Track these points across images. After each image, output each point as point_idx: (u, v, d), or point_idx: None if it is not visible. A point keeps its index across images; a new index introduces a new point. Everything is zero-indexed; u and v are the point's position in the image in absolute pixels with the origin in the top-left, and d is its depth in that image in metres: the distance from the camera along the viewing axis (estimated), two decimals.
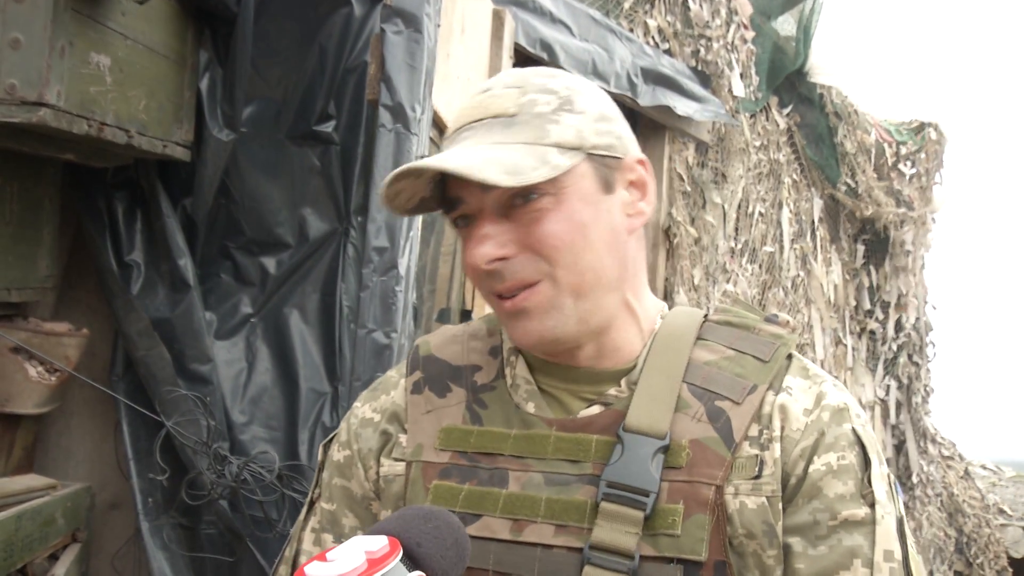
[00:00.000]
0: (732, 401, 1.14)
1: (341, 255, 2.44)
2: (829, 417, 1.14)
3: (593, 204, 1.14)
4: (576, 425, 1.17)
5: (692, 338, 1.21)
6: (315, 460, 2.32)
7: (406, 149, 2.18)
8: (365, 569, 0.83)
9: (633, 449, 1.12)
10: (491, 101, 1.16)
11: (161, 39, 2.22)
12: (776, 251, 6.12)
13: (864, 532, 1.09)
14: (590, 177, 1.15)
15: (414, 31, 2.21)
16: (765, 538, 1.09)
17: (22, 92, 1.80)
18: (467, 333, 1.32)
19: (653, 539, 1.09)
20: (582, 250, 1.13)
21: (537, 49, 3.40)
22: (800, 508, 1.11)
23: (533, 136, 1.12)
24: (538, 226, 1.12)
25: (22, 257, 2.23)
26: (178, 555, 2.35)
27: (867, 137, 6.80)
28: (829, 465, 1.11)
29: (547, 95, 1.15)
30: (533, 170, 1.09)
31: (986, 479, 9.29)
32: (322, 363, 2.43)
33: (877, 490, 1.10)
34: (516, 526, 1.14)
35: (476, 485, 1.17)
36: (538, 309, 1.13)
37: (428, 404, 1.25)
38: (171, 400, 2.31)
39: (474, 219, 1.15)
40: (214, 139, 2.38)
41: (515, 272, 1.13)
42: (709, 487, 1.10)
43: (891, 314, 7.49)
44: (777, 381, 1.17)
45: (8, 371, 2.19)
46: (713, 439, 1.12)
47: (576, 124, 1.14)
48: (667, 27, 4.63)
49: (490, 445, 1.19)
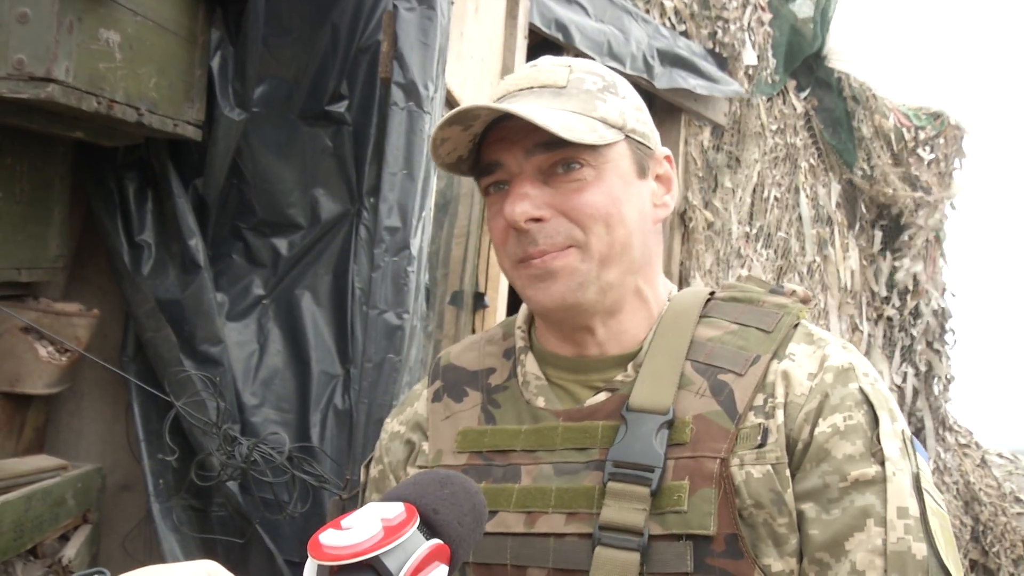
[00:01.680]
0: (735, 373, 1.14)
1: (353, 236, 2.42)
2: (833, 378, 1.13)
3: (628, 184, 1.18)
4: (583, 414, 1.18)
5: (695, 316, 1.21)
6: (326, 442, 2.32)
7: (419, 128, 2.15)
8: (382, 538, 0.80)
9: (636, 427, 1.13)
10: (540, 73, 1.19)
11: (172, 16, 2.19)
12: (792, 236, 6.07)
13: (876, 491, 1.07)
14: (628, 158, 1.18)
15: (427, 8, 2.18)
16: (774, 507, 1.08)
17: (30, 67, 1.78)
18: (484, 339, 1.35)
19: (661, 517, 1.09)
20: (616, 223, 1.15)
21: (552, 30, 3.37)
22: (809, 473, 1.09)
23: (582, 107, 1.15)
24: (578, 195, 1.14)
25: (32, 237, 2.21)
26: (189, 537, 2.34)
27: (885, 121, 6.73)
28: (835, 426, 1.10)
29: (593, 76, 1.20)
30: (585, 133, 1.12)
31: (1003, 467, 9.22)
32: (334, 345, 2.41)
33: (887, 447, 1.09)
34: (529, 519, 1.15)
35: (491, 483, 1.19)
36: (564, 271, 1.15)
37: (446, 410, 1.28)
38: (181, 381, 2.30)
39: (511, 183, 1.17)
40: (225, 118, 2.36)
41: (548, 235, 1.15)
42: (714, 460, 1.09)
43: (908, 301, 7.44)
44: (781, 350, 1.16)
45: (19, 351, 2.17)
46: (716, 412, 1.12)
47: (619, 105, 1.18)
48: (684, 8, 4.58)
49: (503, 443, 1.21)
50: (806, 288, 1.28)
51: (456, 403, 1.28)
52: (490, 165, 1.18)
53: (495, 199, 1.19)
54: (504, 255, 1.20)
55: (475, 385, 1.28)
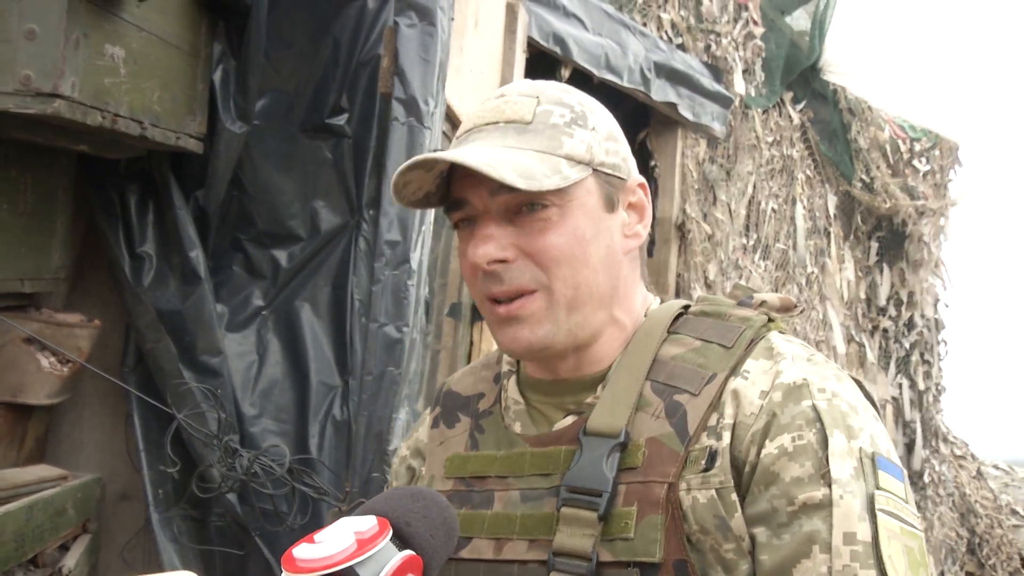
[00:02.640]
0: (690, 393, 1.11)
1: (353, 248, 2.43)
2: (783, 396, 1.09)
3: (595, 221, 1.15)
4: (549, 439, 1.18)
5: (661, 333, 1.19)
6: (324, 454, 2.34)
7: (419, 142, 2.17)
8: (355, 550, 0.82)
9: (589, 451, 1.12)
10: (506, 106, 1.17)
11: (175, 31, 2.21)
12: (790, 248, 6.09)
13: (822, 515, 1.03)
14: (595, 194, 1.16)
15: (428, 24, 2.20)
16: (719, 532, 1.06)
17: (37, 83, 1.80)
18: (481, 363, 1.36)
19: (611, 544, 1.08)
20: (580, 265, 1.14)
21: (550, 43, 3.39)
22: (758, 497, 1.06)
23: (546, 145, 1.13)
24: (542, 236, 1.13)
25: (35, 248, 2.23)
26: (188, 547, 2.35)
27: (881, 133, 6.77)
28: (783, 448, 1.06)
29: (562, 108, 1.17)
30: (545, 177, 1.10)
31: (999, 479, 9.24)
32: (333, 356, 2.42)
33: (835, 468, 1.04)
34: (497, 545, 1.16)
35: (469, 509, 1.20)
36: (532, 318, 1.14)
37: (441, 436, 1.30)
38: (182, 392, 2.31)
39: (477, 221, 1.15)
40: (227, 131, 2.38)
41: (513, 277, 1.13)
42: (662, 485, 1.07)
43: (903, 312, 7.46)
44: (739, 366, 1.13)
45: (20, 362, 2.19)
46: (668, 435, 1.10)
47: (587, 139, 1.15)
48: (680, 22, 4.61)
49: (481, 469, 1.22)
50: (798, 297, 1.24)
51: (449, 429, 1.29)
52: (458, 202, 1.17)
53: (463, 235, 1.18)
54: (474, 291, 1.19)
55: (467, 411, 1.29)
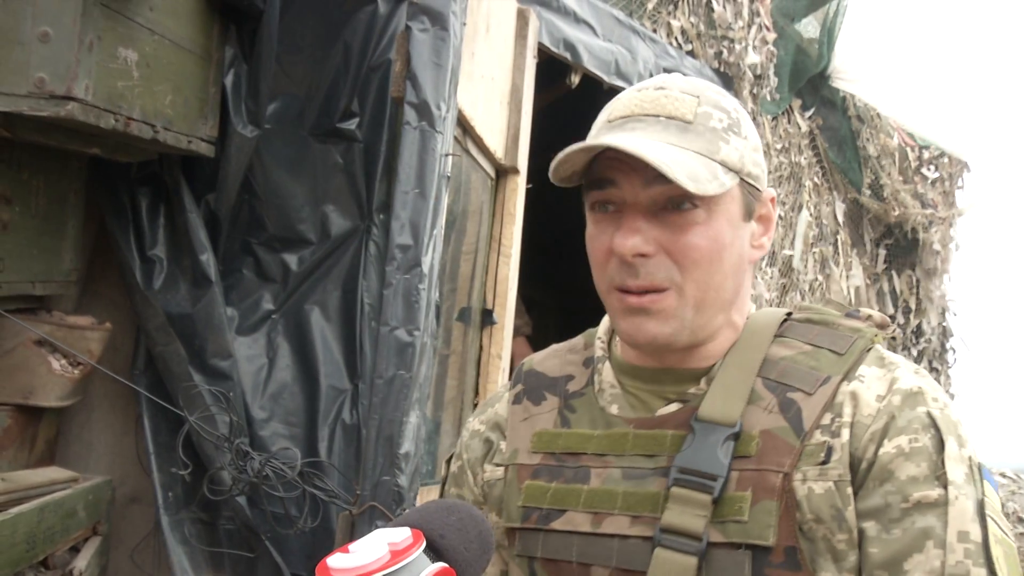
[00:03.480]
0: (804, 392, 1.16)
1: (363, 252, 2.44)
2: (901, 400, 1.14)
3: (734, 228, 1.19)
4: (654, 422, 1.21)
5: (770, 335, 1.23)
6: (334, 457, 2.34)
7: (431, 147, 2.17)
8: (388, 560, 0.83)
9: (703, 437, 1.15)
10: (668, 101, 1.19)
11: (187, 34, 2.22)
12: (795, 254, 6.09)
13: (937, 513, 1.08)
14: (738, 202, 1.19)
15: (440, 29, 2.20)
16: (834, 522, 1.10)
17: (51, 86, 1.80)
18: (566, 348, 1.38)
19: (722, 526, 1.11)
20: (715, 269, 1.17)
21: (561, 49, 3.39)
22: (872, 492, 1.10)
23: (706, 148, 1.16)
24: (685, 235, 1.15)
25: (46, 251, 2.24)
26: (197, 550, 2.35)
27: (890, 141, 6.76)
28: (900, 448, 1.11)
29: (720, 112, 1.19)
30: (708, 182, 1.13)
31: (1006, 487, 9.21)
32: (343, 360, 2.43)
33: (951, 471, 1.09)
34: (596, 519, 1.19)
35: (562, 483, 1.23)
36: (661, 314, 1.17)
37: (525, 412, 1.32)
38: (192, 395, 2.31)
39: (622, 208, 1.17)
40: (238, 135, 2.38)
41: (650, 272, 1.16)
42: (777, 474, 1.11)
43: (911, 319, 7.45)
44: (852, 372, 1.17)
45: (32, 364, 2.20)
46: (783, 428, 1.14)
47: (741, 148, 1.19)
48: (690, 28, 4.61)
49: (576, 445, 1.25)
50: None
51: (535, 406, 1.32)
52: (604, 181, 1.18)
53: (600, 218, 1.20)
54: (602, 277, 1.21)
55: (554, 390, 1.32)
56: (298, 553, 2.31)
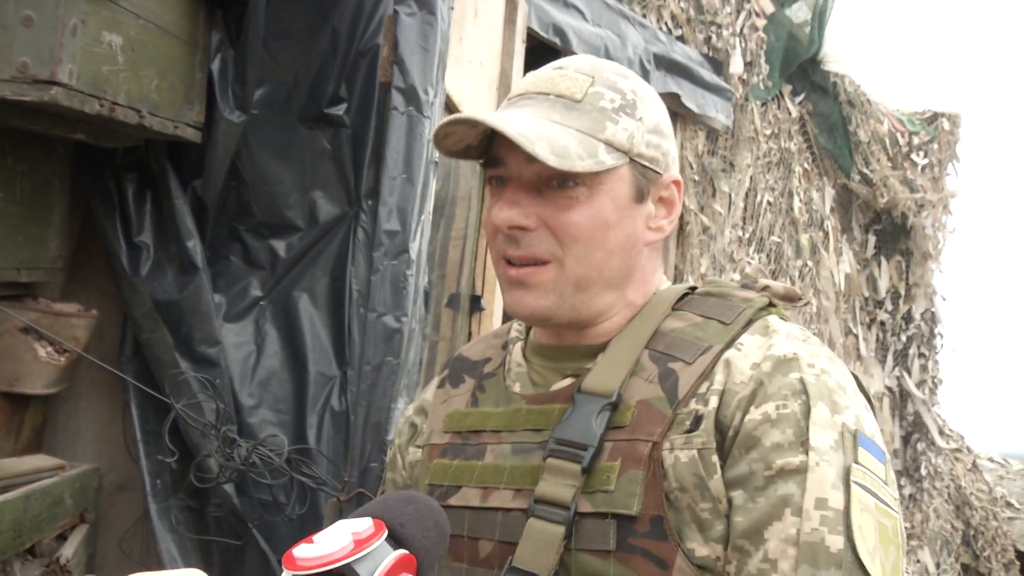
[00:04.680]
0: (684, 362, 1.17)
1: (351, 239, 2.43)
2: (772, 367, 1.14)
3: (620, 208, 1.20)
4: (545, 397, 1.24)
5: (666, 309, 1.25)
6: (322, 444, 2.33)
7: (419, 132, 2.16)
8: (352, 549, 0.87)
9: (581, 408, 1.18)
10: (560, 80, 1.21)
11: (173, 19, 2.20)
12: (785, 241, 6.09)
13: (797, 480, 1.07)
14: (627, 182, 1.21)
15: (428, 13, 2.19)
16: (696, 491, 1.10)
17: (34, 70, 1.78)
18: (493, 333, 1.44)
19: (591, 496, 1.13)
20: (596, 247, 1.19)
21: (550, 34, 3.38)
22: (738, 460, 1.11)
23: (589, 127, 1.18)
24: (565, 212, 1.18)
25: (32, 237, 2.22)
26: (186, 537, 2.35)
27: (880, 127, 6.76)
28: (766, 415, 1.11)
29: (614, 92, 1.21)
30: (579, 159, 1.15)
31: (994, 472, 9.25)
32: (331, 347, 2.42)
33: (814, 437, 1.08)
34: (484, 494, 1.23)
35: (462, 460, 1.27)
36: (539, 287, 1.20)
37: (445, 395, 1.37)
38: (179, 382, 2.30)
39: (508, 183, 1.21)
40: (225, 121, 2.37)
41: (529, 244, 1.19)
42: (646, 443, 1.13)
43: (900, 305, 7.47)
44: (735, 340, 1.18)
45: (17, 351, 2.18)
46: (659, 398, 1.16)
47: (631, 128, 1.20)
48: (680, 13, 4.60)
49: (478, 424, 1.29)
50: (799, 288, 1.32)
51: (453, 388, 1.37)
52: (494, 160, 1.22)
53: (495, 191, 1.24)
54: (492, 248, 1.25)
55: (473, 373, 1.37)
56: (286, 540, 2.31)
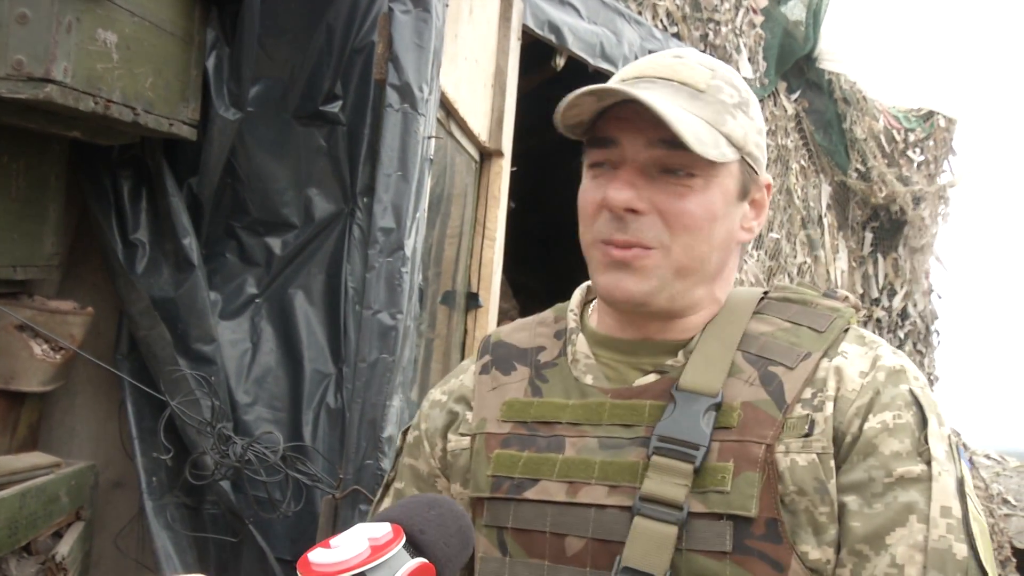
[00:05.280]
0: (785, 367, 1.17)
1: (347, 236, 2.43)
2: (885, 377, 1.15)
3: (727, 203, 1.20)
4: (631, 392, 1.21)
5: (749, 311, 1.24)
6: (318, 441, 2.33)
7: (413, 129, 2.17)
8: (368, 555, 0.83)
9: (685, 406, 1.15)
10: (683, 68, 1.20)
11: (168, 16, 2.20)
12: (783, 238, 6.10)
13: (920, 488, 1.09)
14: (735, 179, 1.20)
15: (422, 10, 2.19)
16: (816, 495, 1.10)
17: (29, 68, 1.79)
18: (535, 321, 1.38)
19: (703, 496, 1.11)
20: (703, 239, 1.18)
21: (545, 31, 3.38)
22: (855, 466, 1.11)
23: (713, 118, 1.17)
24: (680, 200, 1.16)
25: (27, 235, 2.22)
26: (181, 535, 2.35)
27: (876, 123, 6.76)
28: (884, 423, 1.12)
29: (732, 88, 1.21)
30: (712, 147, 1.14)
31: (990, 469, 9.27)
32: (327, 344, 2.42)
33: (934, 448, 1.11)
34: (572, 488, 1.18)
35: (535, 452, 1.22)
36: (642, 271, 1.17)
37: (494, 382, 1.31)
38: (175, 380, 2.31)
39: (619, 165, 1.18)
40: (220, 118, 2.37)
41: (638, 229, 1.16)
42: (759, 445, 1.12)
43: (896, 302, 7.48)
44: (832, 349, 1.18)
45: (13, 349, 2.18)
46: (765, 401, 1.14)
47: (746, 126, 1.20)
48: (676, 10, 4.60)
49: (549, 415, 1.24)
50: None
51: (504, 376, 1.31)
52: (606, 140, 1.18)
53: (597, 173, 1.20)
54: (588, 230, 1.21)
55: (524, 361, 1.31)
56: (282, 537, 2.31)
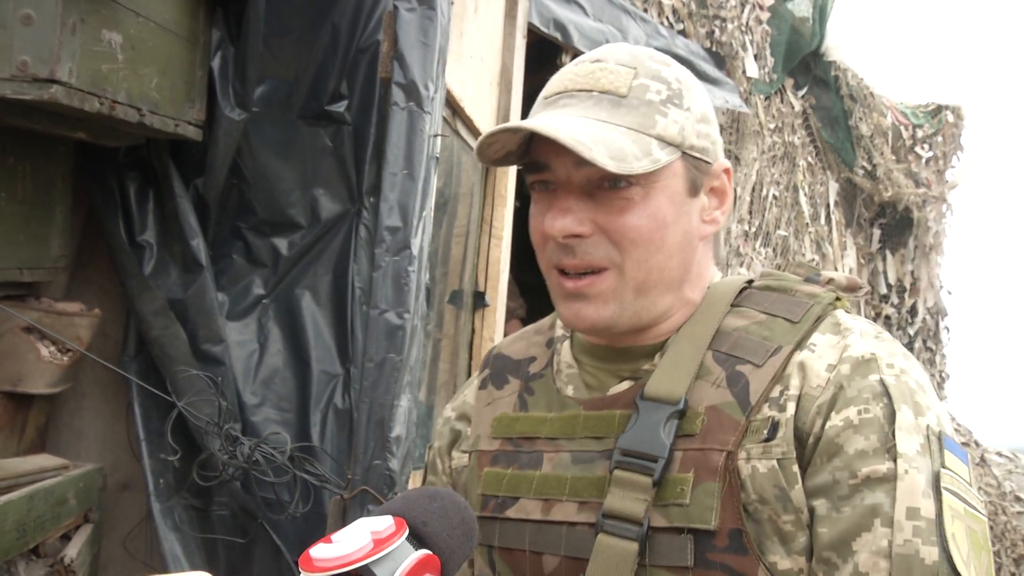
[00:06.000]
0: (753, 364, 1.11)
1: (353, 236, 2.42)
2: (850, 369, 1.08)
3: (676, 205, 1.14)
4: (604, 403, 1.18)
5: (725, 306, 1.18)
6: (326, 442, 2.33)
7: (419, 128, 2.16)
8: (371, 549, 0.82)
9: (647, 416, 1.11)
10: (603, 75, 1.14)
11: (173, 17, 2.20)
12: (790, 235, 6.08)
13: (886, 489, 1.02)
14: (680, 177, 1.14)
15: (427, 8, 2.18)
16: (778, 503, 1.05)
17: (34, 69, 1.78)
18: (533, 329, 1.35)
19: (664, 509, 1.08)
20: (655, 249, 1.13)
21: (551, 29, 3.37)
22: (820, 468, 1.05)
23: (639, 123, 1.11)
24: (621, 215, 1.11)
25: (34, 237, 2.22)
26: (190, 536, 2.34)
27: (883, 120, 6.74)
28: (848, 420, 1.05)
29: (659, 83, 1.14)
30: (636, 160, 1.08)
31: (1002, 466, 9.22)
32: (334, 345, 2.41)
33: (901, 443, 1.03)
34: (546, 506, 1.16)
35: (517, 469, 1.20)
36: (599, 297, 1.13)
37: (489, 397, 1.29)
38: (183, 381, 2.30)
39: (556, 188, 1.14)
40: (226, 118, 2.36)
41: (586, 252, 1.12)
42: (720, 453, 1.07)
43: (906, 299, 7.45)
44: (805, 340, 1.12)
45: (20, 351, 2.18)
46: (729, 404, 1.09)
47: (681, 120, 1.13)
48: (681, 8, 4.58)
49: (531, 430, 1.22)
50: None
51: (497, 390, 1.29)
52: (537, 165, 1.15)
53: (539, 197, 1.16)
54: (542, 258, 1.18)
55: (517, 373, 1.29)
56: (291, 539, 2.31)
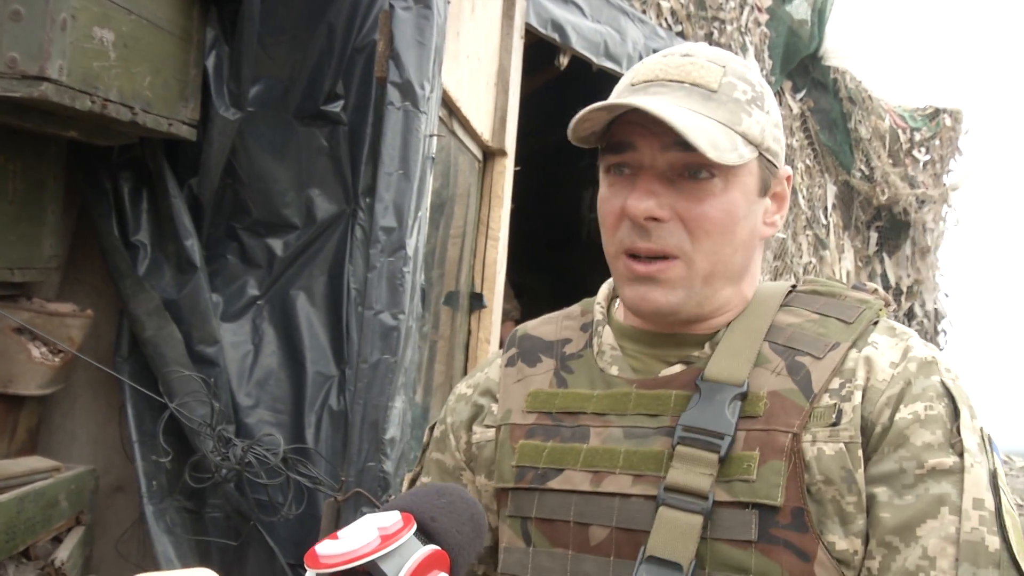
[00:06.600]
0: (813, 356, 1.16)
1: (349, 237, 2.41)
2: (916, 368, 1.14)
3: (748, 202, 1.18)
4: (657, 383, 1.21)
5: (777, 304, 1.24)
6: (321, 444, 2.31)
7: (415, 128, 2.14)
8: (378, 544, 0.81)
9: (709, 396, 1.15)
10: (694, 68, 1.17)
11: (167, 15, 2.18)
12: (788, 238, 6.07)
13: (952, 480, 1.08)
14: (755, 176, 1.18)
15: (423, 7, 2.17)
16: (843, 484, 1.09)
17: (23, 66, 1.76)
18: (562, 315, 1.38)
19: (728, 485, 1.11)
20: (726, 241, 1.17)
21: (548, 30, 3.36)
22: (886, 456, 1.10)
23: (728, 118, 1.15)
24: (700, 204, 1.15)
25: (25, 237, 2.20)
26: (183, 538, 2.32)
27: (881, 123, 6.73)
28: (916, 414, 1.11)
29: (745, 84, 1.18)
30: (728, 151, 1.12)
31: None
32: (329, 346, 2.40)
33: (967, 439, 1.09)
34: (596, 478, 1.18)
35: (559, 442, 1.22)
36: (668, 283, 1.17)
37: (519, 374, 1.31)
38: (176, 382, 2.28)
39: (638, 171, 1.16)
40: (220, 118, 2.34)
41: (661, 236, 1.15)
42: (785, 434, 1.11)
43: (903, 302, 7.45)
44: (861, 340, 1.18)
45: (11, 352, 2.16)
46: (791, 390, 1.14)
47: (762, 122, 1.18)
48: (680, 9, 4.57)
49: (574, 405, 1.24)
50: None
51: (529, 367, 1.31)
52: (622, 145, 1.16)
53: (615, 180, 1.19)
54: (611, 240, 1.20)
55: (550, 353, 1.31)
56: (285, 540, 2.29)
